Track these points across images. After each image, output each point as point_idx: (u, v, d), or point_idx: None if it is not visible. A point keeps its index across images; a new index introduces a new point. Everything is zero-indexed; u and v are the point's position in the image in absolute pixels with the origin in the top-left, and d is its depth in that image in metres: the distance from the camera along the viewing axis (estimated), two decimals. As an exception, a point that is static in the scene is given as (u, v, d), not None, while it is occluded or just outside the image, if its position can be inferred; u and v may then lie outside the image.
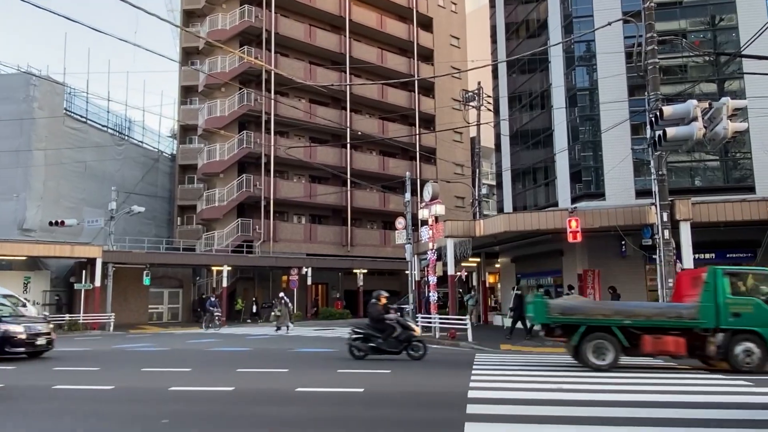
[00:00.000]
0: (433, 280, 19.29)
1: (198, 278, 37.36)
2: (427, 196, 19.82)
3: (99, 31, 9.78)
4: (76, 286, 27.00)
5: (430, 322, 18.55)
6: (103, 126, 38.13)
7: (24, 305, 22.11)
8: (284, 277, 34.35)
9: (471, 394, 7.57)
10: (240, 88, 34.46)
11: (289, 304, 24.03)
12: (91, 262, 26.69)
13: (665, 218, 14.11)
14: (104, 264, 26.88)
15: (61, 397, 8.04)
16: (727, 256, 18.56)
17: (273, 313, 24.73)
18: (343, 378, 9.64)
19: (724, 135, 10.65)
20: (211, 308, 25.20)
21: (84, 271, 27.08)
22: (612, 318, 10.51)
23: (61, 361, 12.90)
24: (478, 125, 28.73)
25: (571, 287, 18.94)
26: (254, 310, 32.77)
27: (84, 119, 36.32)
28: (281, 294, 25.04)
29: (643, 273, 18.85)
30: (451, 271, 19.37)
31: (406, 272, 25.97)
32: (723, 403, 7.14)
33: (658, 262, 14.28)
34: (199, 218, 36.82)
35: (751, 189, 20.75)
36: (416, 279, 23.72)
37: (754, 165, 21.23)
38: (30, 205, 30.57)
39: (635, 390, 8.05)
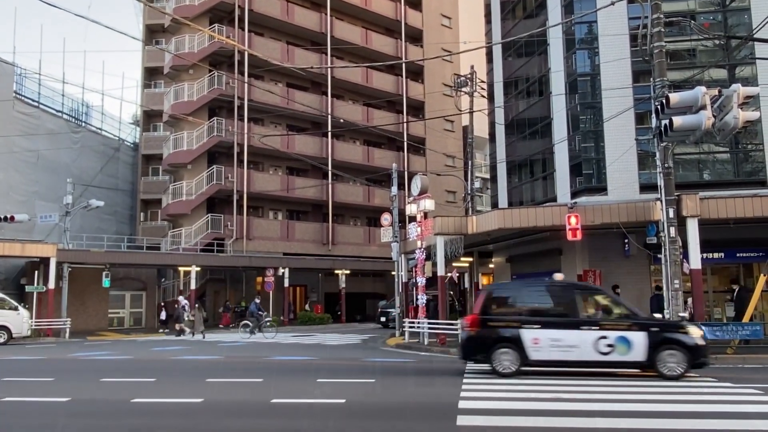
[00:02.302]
0: (421, 281, 19.34)
1: (163, 280, 37.04)
2: (415, 190, 19.84)
3: (51, 4, 9.62)
4: (28, 288, 26.63)
5: (418, 328, 18.62)
6: (58, 111, 37.58)
7: (16, 308, 21.96)
8: (259, 279, 34.21)
9: (462, 404, 7.61)
10: (210, 71, 34.17)
11: (204, 311, 26.18)
12: (45, 261, 26.32)
13: (671, 214, 14.30)
14: (59, 264, 26.52)
15: (9, 411, 7.94)
16: (737, 255, 18.86)
17: (187, 319, 25.33)
18: (323, 388, 9.65)
19: (735, 125, 10.81)
20: (260, 312, 24.26)
21: (36, 272, 26.69)
22: None
23: (11, 371, 12.73)
24: (471, 113, 28.80)
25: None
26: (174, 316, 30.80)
27: (36, 103, 35.75)
28: (180, 298, 26.56)
29: (648, 273, 19.06)
30: (441, 271, 19.41)
31: (393, 273, 25.99)
32: (731, 412, 7.28)
33: (663, 261, 14.46)
34: (164, 214, 36.48)
35: (763, 183, 21.07)
36: (403, 280, 23.76)
37: (766, 157, 21.57)
38: (-25, 198, 30.10)
39: (640, 399, 8.16)
